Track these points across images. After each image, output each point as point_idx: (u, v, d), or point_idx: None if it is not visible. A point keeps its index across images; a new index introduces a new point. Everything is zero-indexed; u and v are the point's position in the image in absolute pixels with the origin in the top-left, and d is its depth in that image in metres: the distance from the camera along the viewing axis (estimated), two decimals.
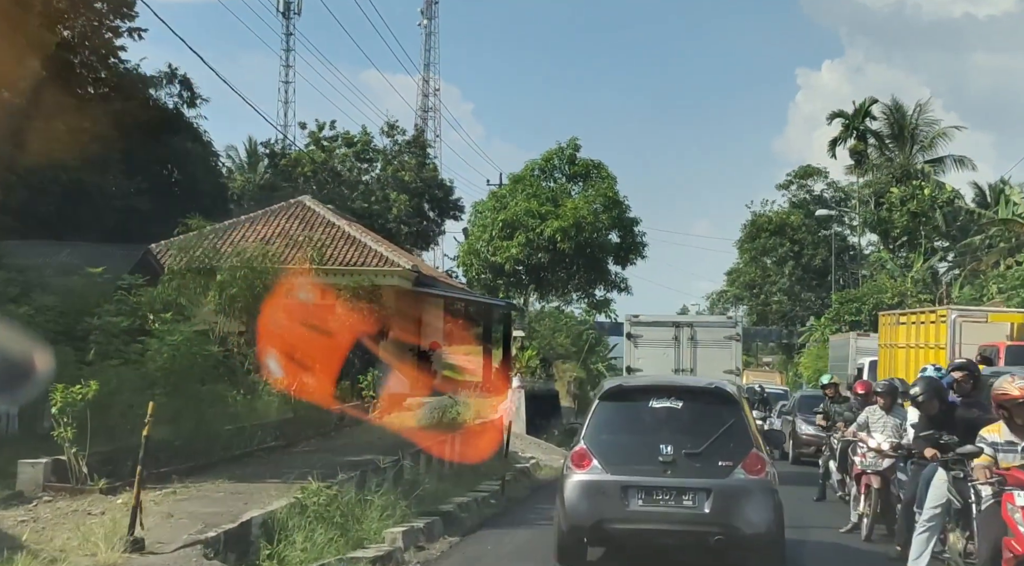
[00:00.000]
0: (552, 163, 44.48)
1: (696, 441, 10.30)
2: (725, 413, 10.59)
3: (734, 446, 10.32)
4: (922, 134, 66.09)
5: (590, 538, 10.67)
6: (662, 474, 10.16)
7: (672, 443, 10.24)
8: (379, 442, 17.71)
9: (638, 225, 44.43)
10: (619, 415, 10.86)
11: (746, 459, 10.22)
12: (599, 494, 10.24)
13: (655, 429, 10.50)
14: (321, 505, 10.84)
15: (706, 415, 10.64)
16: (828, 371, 25.60)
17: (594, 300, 45.76)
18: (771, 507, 10.24)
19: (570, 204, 42.33)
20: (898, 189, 61.00)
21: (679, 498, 10.10)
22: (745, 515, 10.09)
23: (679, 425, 10.52)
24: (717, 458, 10.23)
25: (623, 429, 10.75)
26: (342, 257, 31.05)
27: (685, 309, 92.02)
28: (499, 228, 42.37)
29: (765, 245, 67.85)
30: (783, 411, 30.60)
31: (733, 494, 10.12)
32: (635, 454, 10.40)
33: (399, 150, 61.36)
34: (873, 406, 14.26)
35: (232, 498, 11.11)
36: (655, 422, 10.58)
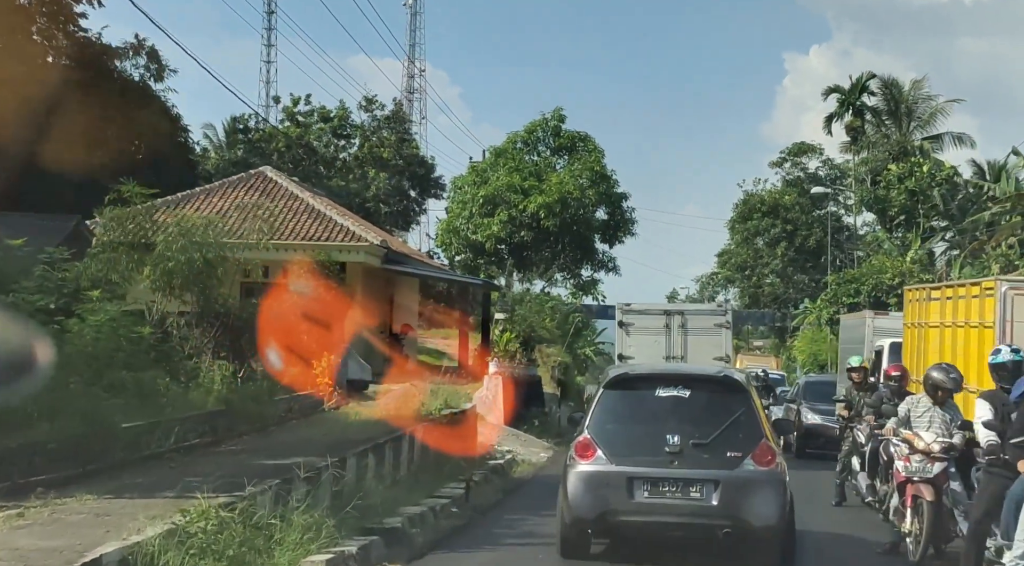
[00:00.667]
0: (536, 135, 41.62)
1: (704, 431, 9.95)
2: (734, 402, 10.19)
3: (743, 436, 9.92)
4: (920, 110, 63.48)
5: (594, 530, 10.31)
6: (669, 465, 9.80)
7: (679, 433, 9.86)
8: (325, 438, 14.98)
9: (627, 200, 41.68)
10: (624, 404, 10.51)
11: (756, 450, 9.82)
12: (604, 485, 9.92)
13: (661, 418, 10.13)
14: (209, 533, 8.08)
15: (714, 404, 10.26)
16: (840, 355, 22.90)
17: (580, 280, 42.96)
18: (782, 499, 9.86)
19: (555, 178, 39.53)
20: (896, 166, 58.34)
21: (686, 490, 9.76)
22: (755, 508, 9.73)
23: (686, 414, 10.14)
24: (726, 449, 9.84)
25: (628, 418, 10.41)
26: (305, 231, 28.29)
27: (675, 293, 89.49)
28: (479, 204, 39.56)
29: (758, 226, 65.13)
30: (785, 398, 27.94)
31: (742, 486, 9.75)
32: (641, 444, 10.06)
33: (378, 126, 58.57)
34: (917, 396, 11.57)
35: (93, 523, 8.36)
36: (661, 411, 10.20)
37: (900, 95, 62.64)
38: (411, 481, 14.84)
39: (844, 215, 65.70)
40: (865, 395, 15.03)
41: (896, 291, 46.62)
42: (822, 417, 23.65)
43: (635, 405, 10.52)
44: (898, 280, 46.46)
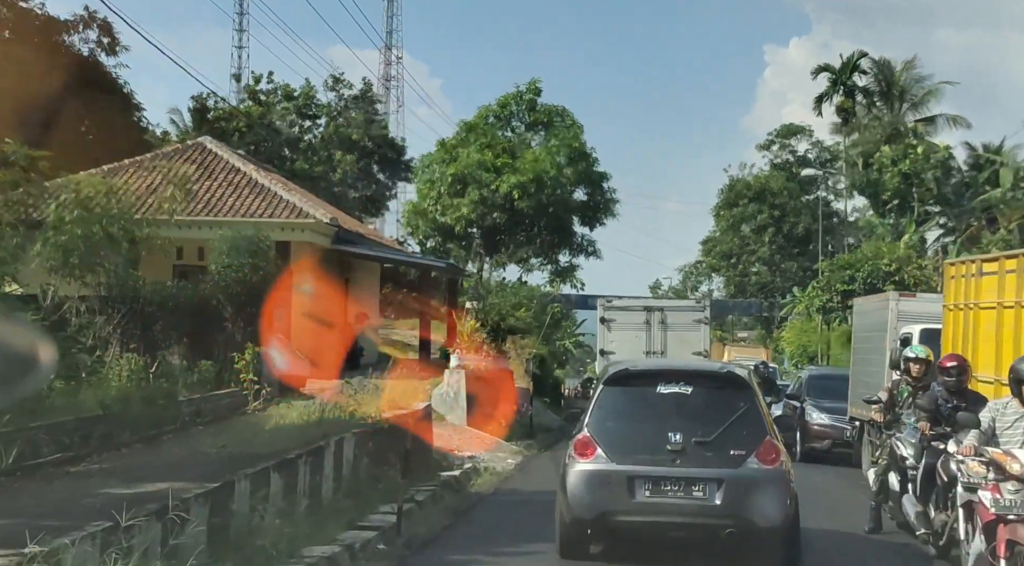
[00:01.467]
0: (509, 109, 38.32)
1: (707, 429, 9.65)
2: (737, 399, 9.85)
3: (747, 434, 9.60)
4: (913, 92, 60.45)
5: (595, 531, 9.96)
6: (670, 463, 9.54)
7: (681, 431, 9.60)
8: (224, 451, 11.75)
9: (608, 181, 38.44)
10: (625, 401, 10.20)
11: (760, 448, 9.53)
12: (604, 485, 9.65)
13: (663, 416, 9.83)
14: None
15: (717, 401, 9.94)
16: (855, 345, 19.76)
17: (558, 266, 39.69)
18: (786, 499, 9.59)
19: (529, 156, 36.28)
20: (889, 148, 55.31)
21: (688, 489, 9.49)
22: (759, 507, 9.45)
23: (688, 412, 9.84)
24: (729, 447, 9.54)
25: (629, 416, 10.11)
26: (245, 207, 24.95)
27: (658, 283, 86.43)
28: (448, 184, 36.29)
29: (744, 212, 61.99)
30: (785, 394, 24.85)
31: (746, 485, 9.46)
32: (642, 442, 9.77)
33: (345, 106, 55.18)
34: (1003, 401, 8.42)
35: None
36: (663, 408, 9.90)
37: (892, 76, 59.63)
38: (333, 507, 11.60)
39: (834, 201, 62.68)
40: (914, 395, 11.82)
41: (893, 278, 43.62)
42: (830, 417, 20.54)
43: (636, 402, 10.17)
44: (895, 266, 43.46)
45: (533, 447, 22.47)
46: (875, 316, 17.59)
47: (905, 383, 12.16)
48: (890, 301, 16.75)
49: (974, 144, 58.19)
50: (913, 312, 16.61)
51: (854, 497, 15.96)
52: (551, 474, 18.62)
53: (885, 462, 11.93)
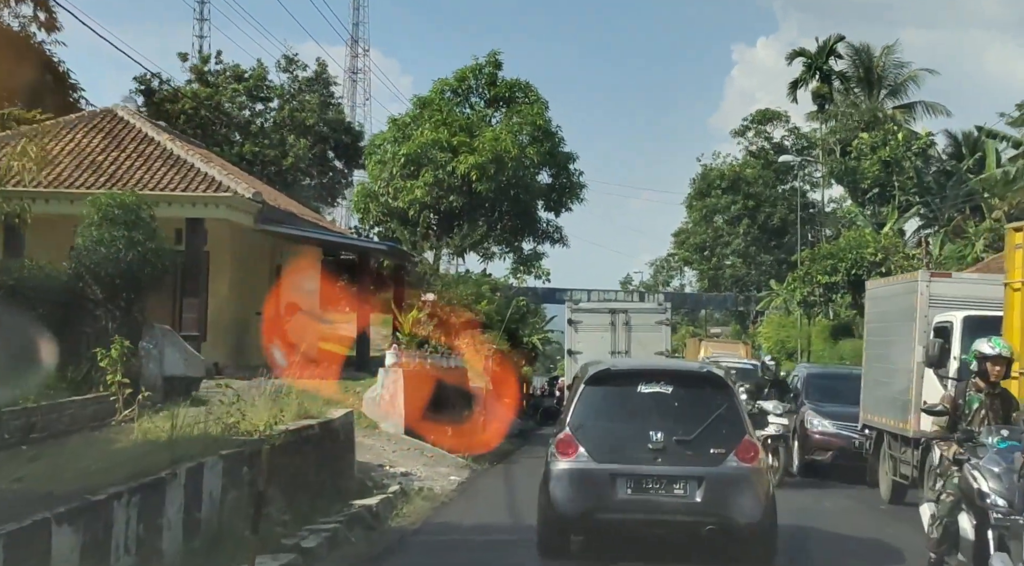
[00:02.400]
0: (467, 84, 34.62)
1: (687, 427, 9.60)
2: (717, 398, 9.84)
3: (727, 432, 9.59)
4: (891, 77, 57.30)
5: (576, 529, 9.93)
6: (652, 462, 9.45)
7: (662, 430, 9.53)
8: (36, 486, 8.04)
9: (574, 162, 34.84)
10: (606, 400, 10.13)
11: (739, 446, 9.50)
12: (586, 483, 9.55)
13: (644, 415, 9.75)
14: None
15: (697, 400, 9.87)
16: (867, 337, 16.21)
17: (521, 255, 36.04)
18: (765, 496, 9.58)
19: (489, 134, 32.67)
20: (868, 135, 52.08)
21: (670, 487, 9.42)
22: (739, 504, 9.40)
23: (669, 411, 9.76)
24: (709, 445, 9.51)
25: (610, 415, 10.01)
26: (156, 180, 21.23)
27: (629, 278, 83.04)
28: (400, 165, 32.59)
29: (717, 203, 58.52)
30: None
31: (726, 482, 9.42)
32: (623, 441, 9.66)
33: (299, 88, 51.35)
34: None
35: None
36: (644, 408, 9.83)
37: (871, 61, 56.45)
38: (184, 561, 7.96)
39: (810, 191, 59.27)
40: (991, 406, 8.29)
41: (879, 268, 40.28)
42: (834, 423, 17.05)
43: (617, 401, 10.15)
44: (881, 256, 40.10)
45: (484, 459, 18.88)
46: (897, 302, 14.08)
47: (975, 389, 8.63)
48: (919, 283, 13.24)
49: (954, 132, 55.20)
50: (947, 296, 13.14)
51: (877, 528, 12.46)
52: (500, 498, 15.06)
53: (952, 498, 8.36)
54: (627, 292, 64.17)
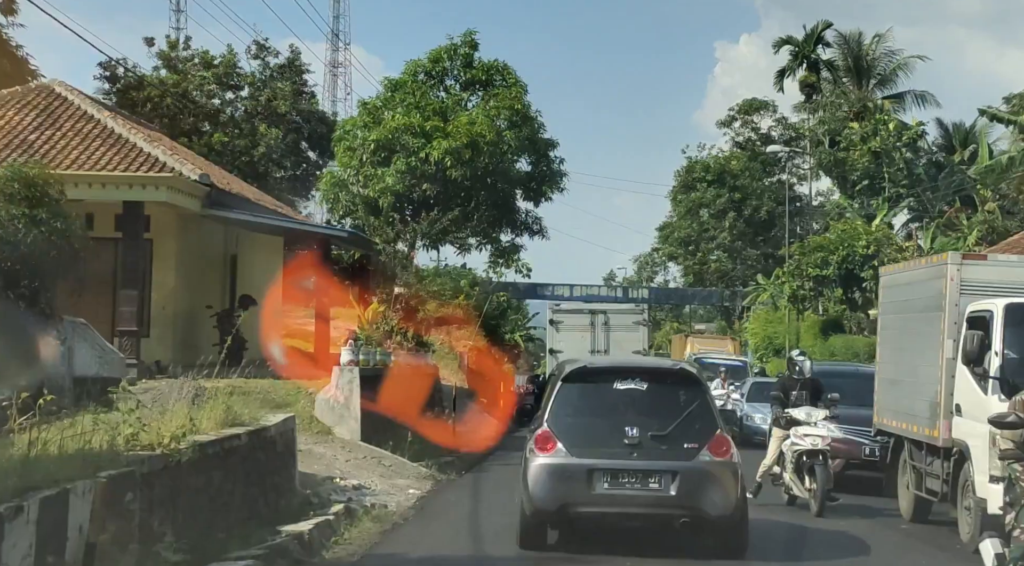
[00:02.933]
0: (442, 65, 32.50)
1: (661, 423, 9.85)
2: (689, 394, 10.07)
3: (699, 428, 9.82)
4: (881, 66, 55.44)
5: (555, 522, 10.15)
6: (628, 456, 9.67)
7: (637, 425, 9.75)
8: None
9: (555, 149, 32.78)
10: (583, 397, 10.36)
11: (711, 441, 9.74)
12: (564, 478, 9.74)
13: (620, 411, 9.97)
14: None
15: (671, 397, 10.12)
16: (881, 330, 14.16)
17: (499, 246, 33.97)
18: (736, 489, 9.79)
19: (464, 118, 30.58)
20: (858, 125, 50.18)
21: (645, 481, 9.62)
22: (711, 497, 9.63)
23: (644, 407, 9.99)
24: (683, 440, 9.75)
25: (587, 411, 10.22)
26: (93, 161, 19.08)
27: (612, 274, 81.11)
28: (371, 151, 30.48)
29: (703, 196, 56.53)
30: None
31: (699, 476, 9.65)
32: (600, 436, 9.88)
33: (271, 75, 49.15)
34: None
35: None
36: (620, 404, 10.04)
37: (860, 49, 54.56)
38: None
39: (797, 184, 57.32)
40: None
41: (871, 261, 38.41)
42: (840, 428, 15.10)
43: (593, 398, 10.33)
44: (874, 248, 38.22)
45: (452, 468, 16.83)
46: (920, 290, 12.09)
47: None
48: (947, 266, 11.24)
49: (945, 122, 53.41)
50: (982, 281, 11.15)
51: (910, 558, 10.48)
52: (463, 518, 13.03)
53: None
54: (610, 287, 62.23)
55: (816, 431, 13.00)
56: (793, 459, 13.03)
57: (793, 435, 13.18)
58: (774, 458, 13.63)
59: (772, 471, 13.75)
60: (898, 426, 12.64)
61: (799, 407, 13.24)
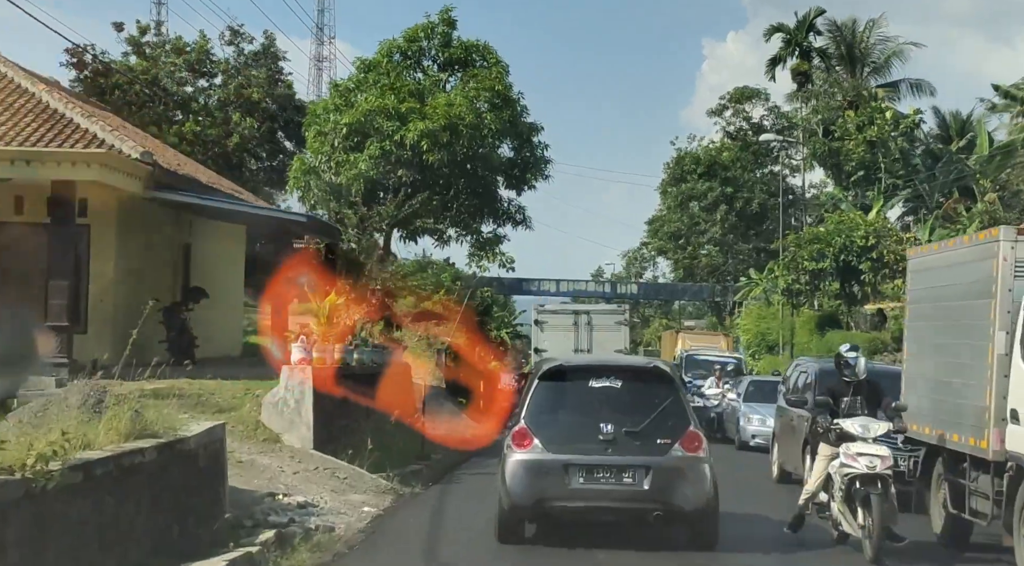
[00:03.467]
0: (418, 45, 30.48)
1: (635, 420, 10.00)
2: (662, 392, 10.24)
3: (672, 424, 10.00)
4: (875, 54, 53.60)
5: (532, 516, 10.32)
6: (603, 452, 9.86)
7: (612, 422, 9.92)
8: None
9: (539, 133, 30.82)
10: (559, 395, 10.55)
11: (684, 437, 9.93)
12: (541, 473, 9.92)
13: (595, 408, 10.14)
14: None
15: (644, 394, 10.29)
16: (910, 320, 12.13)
17: (480, 237, 32.00)
18: (708, 483, 9.94)
19: (442, 100, 28.59)
20: (854, 113, 48.34)
21: (619, 475, 9.82)
22: (683, 491, 9.83)
23: (618, 404, 10.17)
24: (656, 436, 9.93)
25: (563, 408, 10.42)
26: (23, 136, 17.03)
27: (600, 271, 79.26)
28: (343, 135, 28.48)
29: (693, 188, 54.62)
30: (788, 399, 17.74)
31: (672, 471, 9.85)
32: (576, 433, 10.07)
33: (245, 62, 47.12)
34: None
35: None
36: (595, 401, 10.22)
37: (853, 37, 52.73)
38: None
39: (789, 176, 55.35)
40: None
41: (870, 253, 36.61)
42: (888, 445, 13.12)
43: (569, 395, 10.50)
44: (872, 240, 36.38)
45: (418, 479, 14.85)
46: (962, 273, 10.15)
47: None
48: (1000, 243, 9.30)
49: (942, 111, 51.55)
50: None
51: None
52: (419, 543, 11.07)
53: None
54: (598, 283, 60.36)
55: (874, 450, 10.19)
56: (844, 485, 10.29)
57: (844, 454, 10.20)
58: (820, 483, 10.76)
59: (817, 499, 10.90)
60: (932, 434, 10.71)
61: (853, 417, 10.44)
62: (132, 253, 18.46)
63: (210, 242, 22.16)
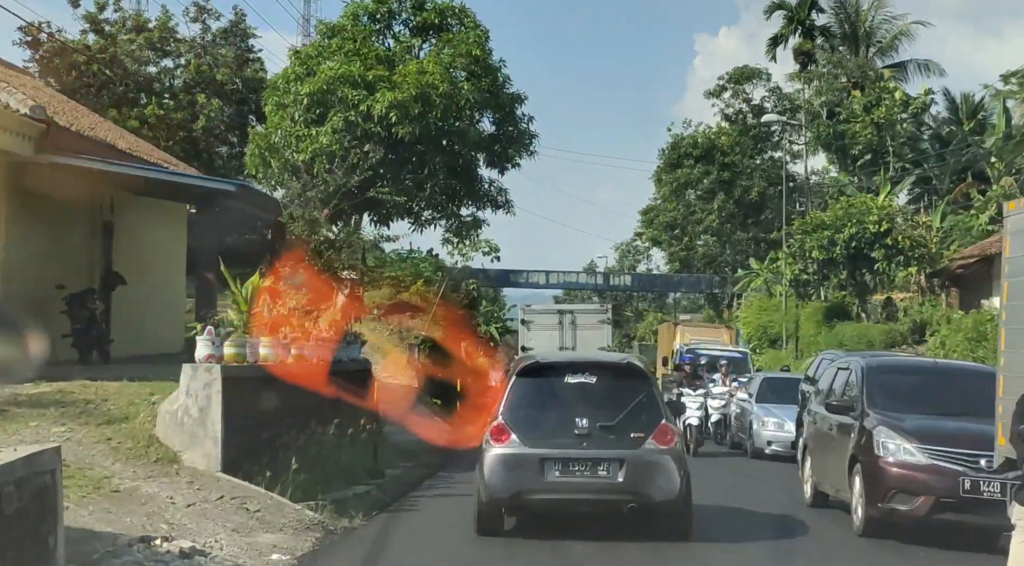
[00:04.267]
0: (388, 7, 27.27)
1: (610, 414, 10.24)
2: (636, 387, 10.45)
3: (645, 418, 10.21)
4: (880, 33, 50.58)
5: (509, 508, 10.52)
6: (578, 446, 10.07)
7: (587, 416, 10.15)
8: None
9: (523, 104, 27.69)
10: (536, 390, 10.65)
11: (656, 430, 10.14)
12: (518, 466, 10.12)
13: (571, 403, 10.35)
14: None
15: (618, 389, 10.47)
16: (1006, 300, 8.97)
17: (459, 220, 28.85)
18: (680, 475, 10.15)
19: (413, 66, 25.45)
20: (861, 94, 45.31)
21: (594, 468, 10.04)
22: (656, 483, 10.04)
23: (593, 399, 10.35)
24: (629, 430, 10.16)
25: (540, 404, 10.62)
26: None
27: (593, 264, 76.12)
28: (303, 107, 25.35)
29: (689, 174, 51.49)
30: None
31: (645, 464, 10.05)
32: (552, 427, 10.28)
33: (212, 41, 43.93)
34: None
35: None
36: (570, 396, 10.40)
37: (858, 15, 49.69)
38: None
39: (791, 162, 52.14)
40: None
41: (883, 239, 33.57)
42: (923, 449, 10.19)
43: (546, 391, 10.66)
44: (887, 225, 33.29)
45: (359, 506, 11.66)
46: None
47: None
48: None
49: (952, 93, 48.46)
50: None
51: None
52: None
53: None
54: (590, 274, 57.22)
55: None
56: None
57: None
58: None
59: None
60: None
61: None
62: (28, 230, 15.30)
63: (140, 223, 19.00)
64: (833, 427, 11.55)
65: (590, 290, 54.18)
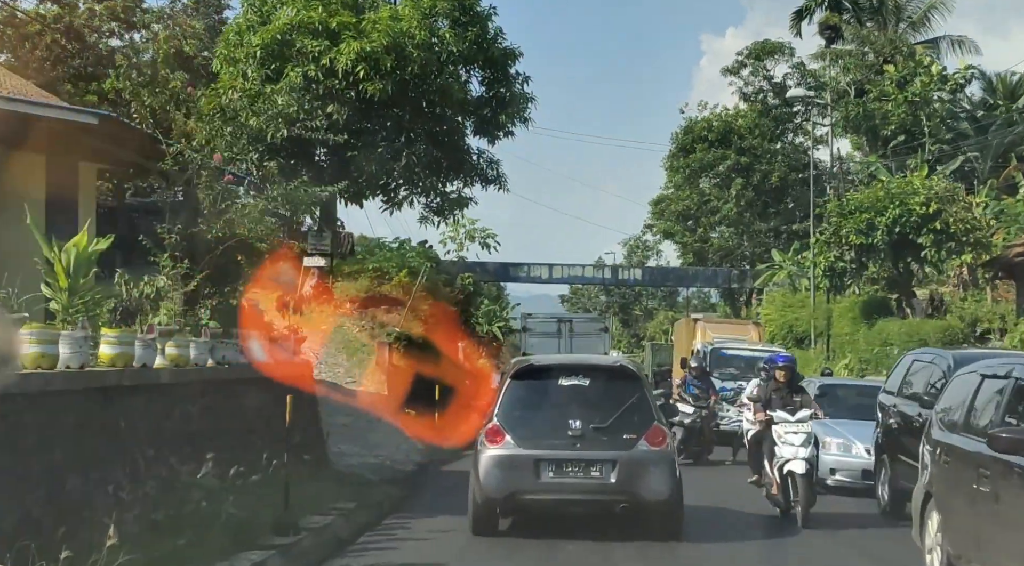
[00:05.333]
0: None
1: (603, 416, 10.33)
2: (629, 389, 10.61)
3: (637, 420, 10.34)
4: (911, 8, 46.11)
5: (504, 509, 10.65)
6: (571, 447, 10.22)
7: (580, 418, 10.27)
8: None
9: (517, 61, 23.28)
10: (530, 392, 10.84)
11: (648, 432, 10.27)
12: (512, 468, 10.24)
13: (564, 405, 10.47)
14: None
15: (611, 391, 10.64)
16: None
17: (445, 197, 24.43)
18: (671, 476, 10.33)
19: (384, 12, 21.12)
20: (894, 68, 40.83)
21: (587, 469, 10.19)
22: (648, 484, 10.22)
23: (586, 401, 10.50)
24: (622, 431, 10.26)
25: (534, 406, 10.70)
26: None
27: (601, 261, 71.70)
28: (257, 61, 21.00)
29: (703, 158, 47.01)
30: None
31: (637, 464, 10.22)
32: (546, 429, 10.37)
33: (182, 11, 39.80)
34: None
35: None
36: (564, 398, 10.56)
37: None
38: None
39: (811, 148, 47.60)
40: None
41: (932, 223, 29.08)
42: None
43: (540, 393, 10.78)
44: (935, 207, 28.75)
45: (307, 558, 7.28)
46: None
47: None
48: None
49: (988, 74, 43.92)
50: None
51: None
52: None
53: None
54: (596, 268, 52.75)
55: None
56: None
57: None
58: None
59: None
60: None
61: None
62: None
63: (21, 184, 14.62)
64: (1003, 474, 7.01)
65: (596, 284, 49.81)
